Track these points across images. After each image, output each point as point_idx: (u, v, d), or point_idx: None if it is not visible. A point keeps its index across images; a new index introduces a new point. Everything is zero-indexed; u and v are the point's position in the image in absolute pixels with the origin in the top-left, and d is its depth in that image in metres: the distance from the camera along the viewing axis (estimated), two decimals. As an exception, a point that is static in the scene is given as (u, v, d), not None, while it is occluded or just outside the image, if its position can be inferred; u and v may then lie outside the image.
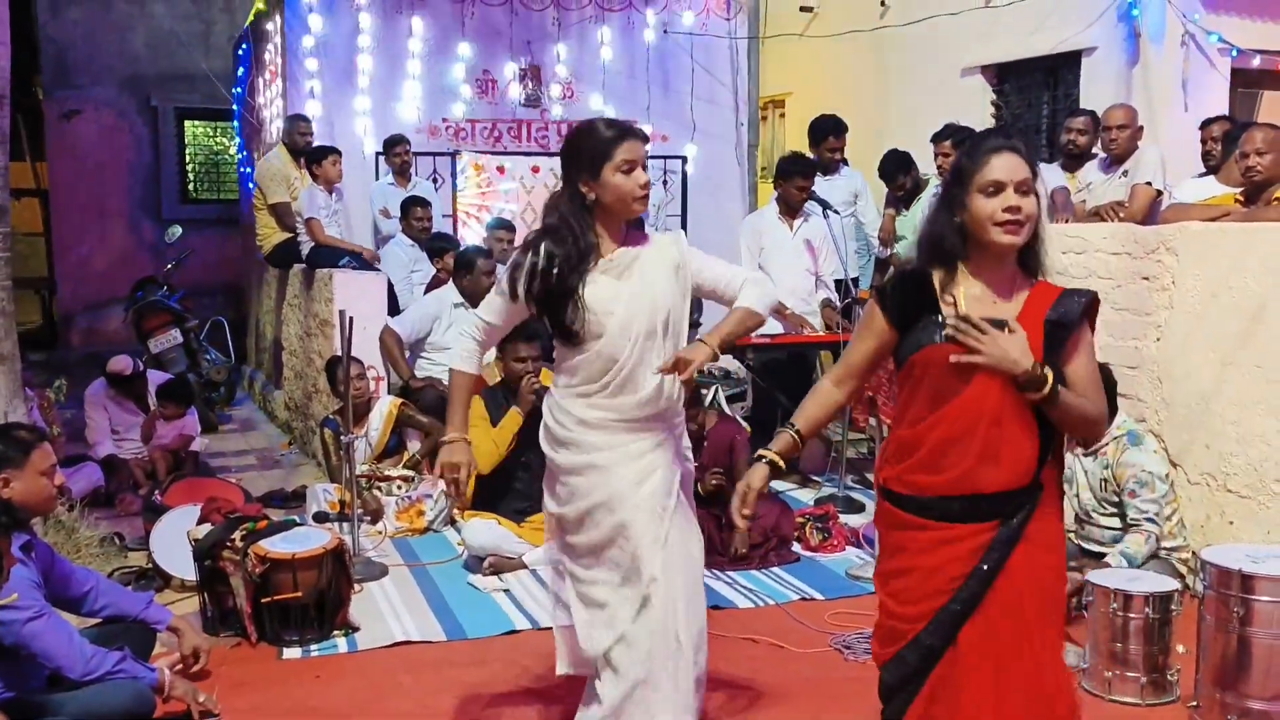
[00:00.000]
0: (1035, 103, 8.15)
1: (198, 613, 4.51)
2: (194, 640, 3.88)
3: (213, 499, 4.94)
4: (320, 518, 5.79)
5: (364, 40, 8.92)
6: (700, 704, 3.23)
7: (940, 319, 2.52)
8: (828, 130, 7.56)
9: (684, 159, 9.49)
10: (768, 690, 3.89)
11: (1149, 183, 5.86)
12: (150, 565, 5.08)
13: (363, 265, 7.31)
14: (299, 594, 4.31)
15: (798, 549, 5.47)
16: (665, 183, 9.18)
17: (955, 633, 2.54)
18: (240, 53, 11.06)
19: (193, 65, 11.59)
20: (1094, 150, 6.34)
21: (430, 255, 7.56)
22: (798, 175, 6.70)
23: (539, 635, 4.30)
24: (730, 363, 7.73)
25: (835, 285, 6.88)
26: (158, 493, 5.89)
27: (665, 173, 9.16)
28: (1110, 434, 4.61)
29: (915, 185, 7.35)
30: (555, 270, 3.05)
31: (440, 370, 6.67)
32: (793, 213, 6.82)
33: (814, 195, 6.68)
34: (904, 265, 2.75)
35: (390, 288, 7.37)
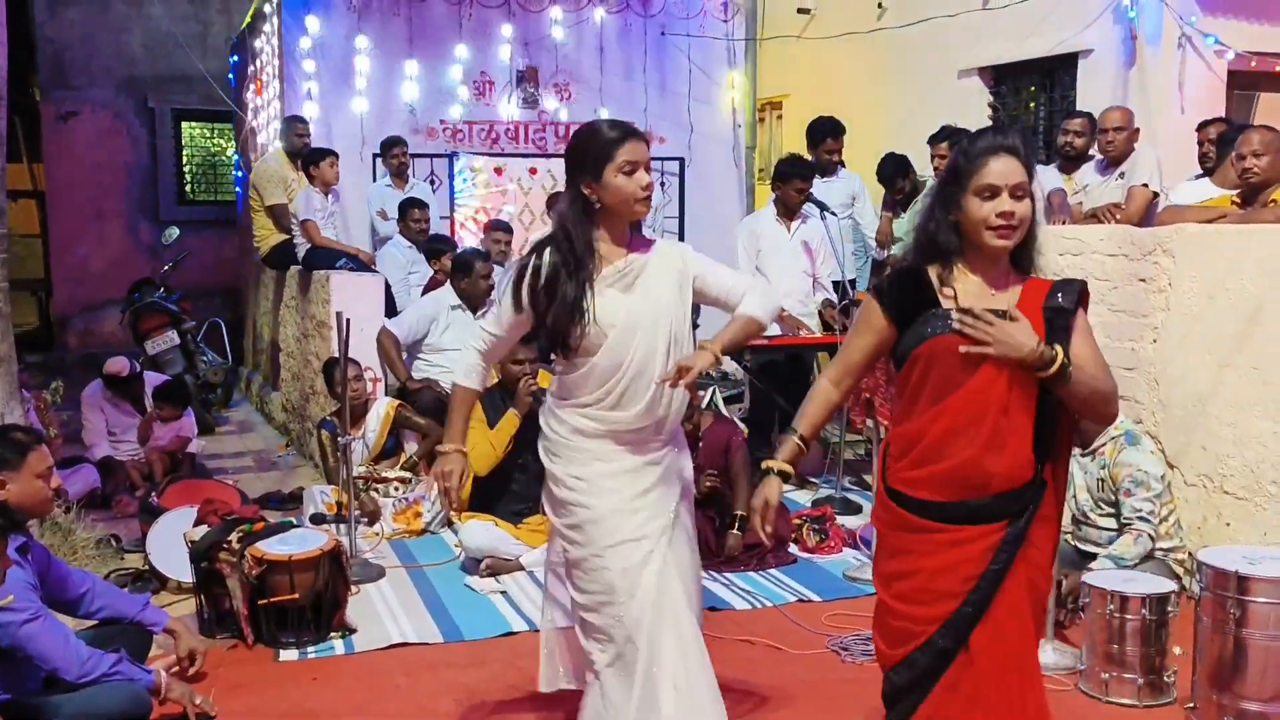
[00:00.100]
0: (1032, 104, 8.15)
1: (194, 614, 4.52)
2: (190, 642, 3.88)
3: (209, 501, 4.94)
4: (317, 519, 5.78)
5: (361, 42, 8.94)
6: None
7: (940, 312, 2.53)
8: (826, 132, 7.57)
9: (681, 161, 9.49)
10: (765, 692, 3.89)
11: (1146, 184, 5.86)
12: (147, 567, 5.08)
13: (359, 267, 7.30)
14: (296, 596, 4.31)
15: (795, 550, 5.47)
16: (663, 185, 9.19)
17: (967, 635, 2.55)
18: (237, 55, 11.07)
19: (190, 66, 11.56)
20: (1091, 152, 6.34)
21: (428, 257, 7.56)
22: (796, 177, 6.70)
23: (536, 637, 4.26)
24: (728, 364, 7.75)
25: (833, 287, 6.88)
26: (154, 494, 5.89)
27: (663, 174, 9.16)
28: (1108, 434, 4.62)
29: (913, 188, 7.36)
30: (557, 279, 3.02)
31: (437, 372, 6.67)
32: (790, 215, 6.82)
33: (811, 197, 6.68)
34: (900, 262, 2.76)
35: (388, 289, 7.36)
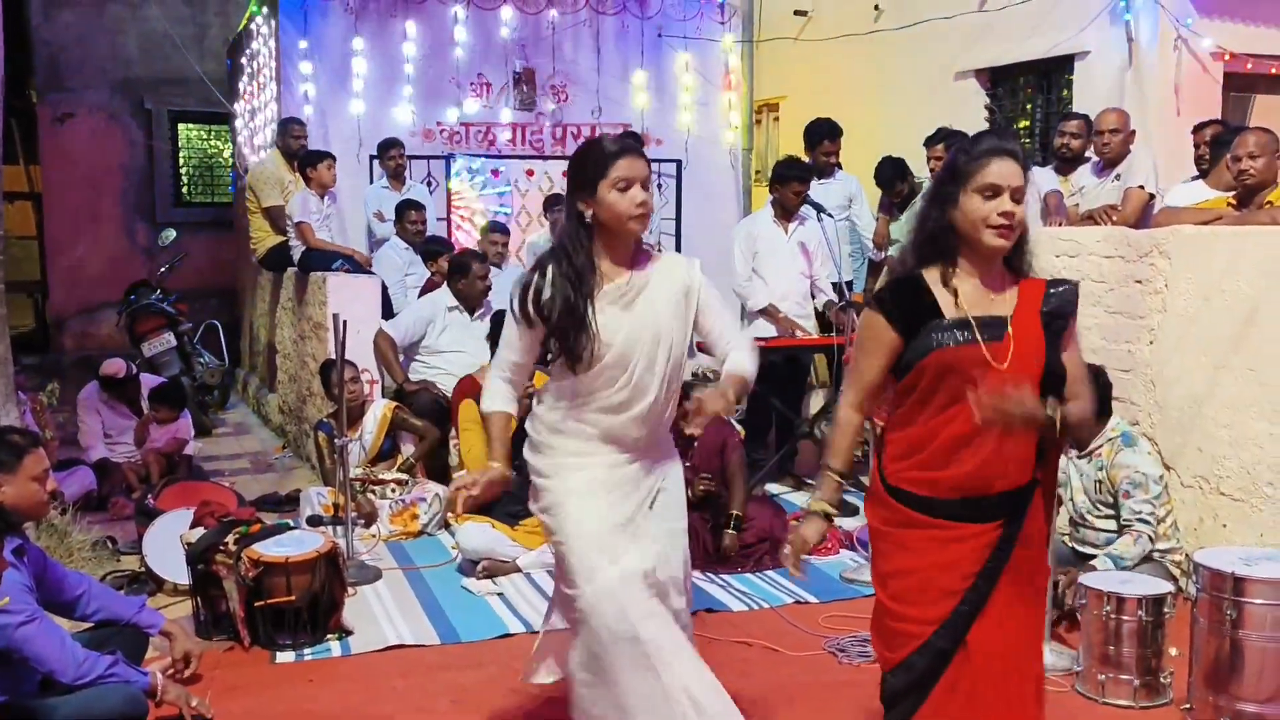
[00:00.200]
0: (1029, 106, 8.16)
1: (191, 616, 4.51)
2: (185, 644, 3.88)
3: (206, 503, 4.93)
4: (314, 521, 5.76)
5: (358, 44, 8.94)
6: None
7: (945, 322, 2.54)
8: (823, 134, 7.57)
9: (678, 163, 9.50)
10: (761, 693, 3.89)
11: (1142, 186, 5.88)
12: (143, 569, 5.07)
13: (355, 268, 7.30)
14: (292, 598, 4.31)
15: (791, 552, 5.46)
16: (660, 187, 9.18)
17: (964, 634, 2.56)
18: (233, 57, 11.06)
19: (186, 68, 11.57)
20: (1087, 154, 6.35)
21: (424, 259, 7.56)
22: (795, 179, 6.71)
23: (533, 638, 4.27)
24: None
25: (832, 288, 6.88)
26: (150, 496, 5.88)
27: (660, 177, 9.16)
28: (1104, 436, 4.62)
29: (911, 191, 7.37)
30: (558, 295, 3.01)
31: (434, 374, 6.67)
32: (788, 216, 6.82)
33: (808, 199, 6.68)
34: (896, 268, 2.76)
35: (385, 291, 7.36)
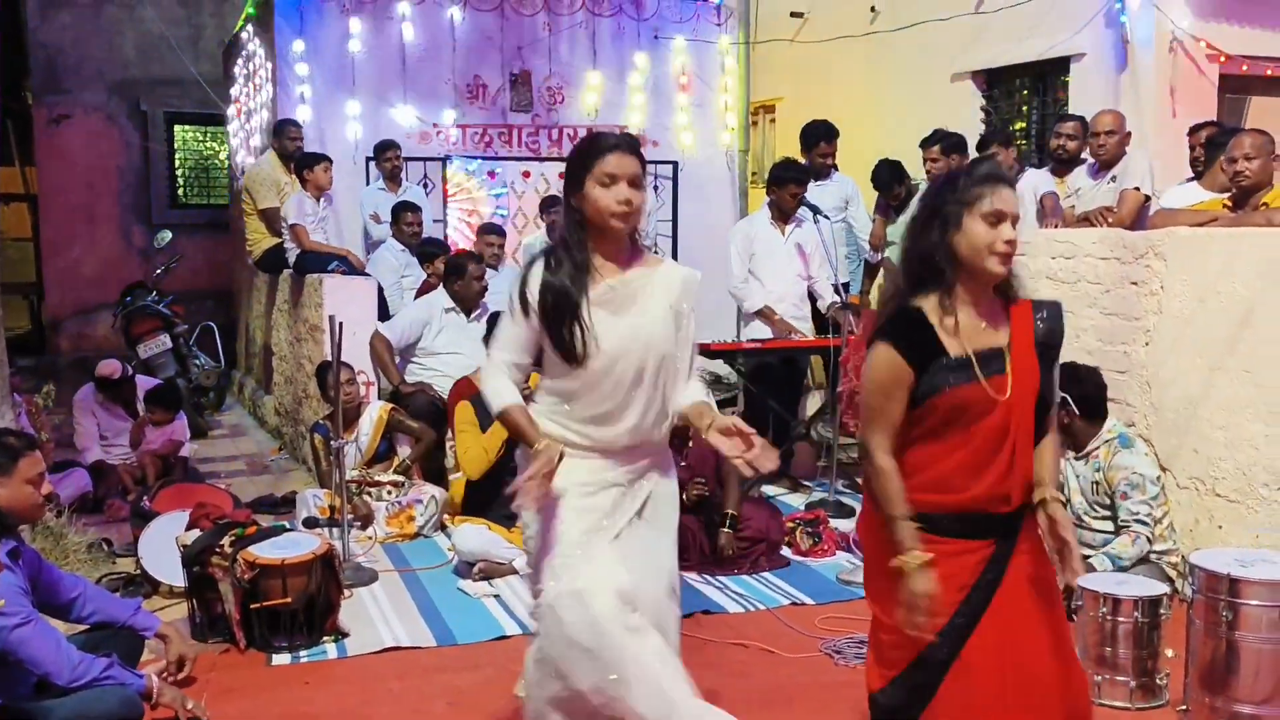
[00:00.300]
0: (1024, 108, 8.17)
1: (186, 619, 4.50)
2: (180, 647, 3.87)
3: (201, 505, 4.92)
4: (310, 523, 5.77)
5: (354, 45, 8.93)
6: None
7: (951, 361, 2.55)
8: (819, 136, 7.57)
9: (674, 165, 9.49)
10: (757, 695, 3.89)
11: (1137, 188, 5.87)
12: (138, 571, 5.06)
13: (350, 269, 7.29)
14: (288, 600, 4.30)
15: (788, 553, 5.47)
16: (656, 189, 9.18)
17: (960, 647, 2.57)
18: (229, 58, 11.05)
19: (182, 70, 11.57)
20: (1083, 156, 6.36)
21: (421, 260, 7.55)
22: (792, 181, 6.71)
23: (529, 640, 4.29)
24: (721, 368, 7.74)
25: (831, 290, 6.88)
26: (146, 498, 5.86)
27: (656, 179, 9.16)
28: (1101, 437, 4.63)
29: (908, 193, 7.37)
30: (551, 289, 2.98)
31: (430, 375, 6.66)
32: (785, 218, 6.83)
33: (805, 201, 6.69)
34: (891, 300, 2.74)
35: (381, 293, 7.35)
